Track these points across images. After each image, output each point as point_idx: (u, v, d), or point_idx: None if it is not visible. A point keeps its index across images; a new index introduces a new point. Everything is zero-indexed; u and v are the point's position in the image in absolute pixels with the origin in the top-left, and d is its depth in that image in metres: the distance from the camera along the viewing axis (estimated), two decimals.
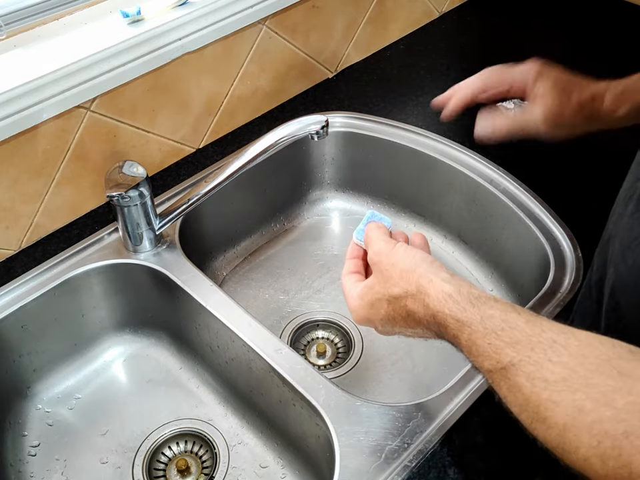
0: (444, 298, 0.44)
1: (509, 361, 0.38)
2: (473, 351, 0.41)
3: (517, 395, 0.38)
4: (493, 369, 0.40)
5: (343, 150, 1.00)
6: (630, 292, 0.46)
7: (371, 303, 0.50)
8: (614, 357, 0.35)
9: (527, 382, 0.37)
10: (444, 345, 0.46)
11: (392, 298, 0.48)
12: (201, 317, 0.75)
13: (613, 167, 0.91)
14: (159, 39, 0.80)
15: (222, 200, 0.90)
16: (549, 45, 1.13)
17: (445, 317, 0.43)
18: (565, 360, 0.36)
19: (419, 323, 0.46)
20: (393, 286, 0.47)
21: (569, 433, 0.34)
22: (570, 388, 0.35)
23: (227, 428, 0.79)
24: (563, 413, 0.35)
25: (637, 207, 0.47)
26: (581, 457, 0.34)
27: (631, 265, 0.46)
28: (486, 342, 0.40)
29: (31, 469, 0.74)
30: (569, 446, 0.35)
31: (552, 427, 0.36)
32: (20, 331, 0.75)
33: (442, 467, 0.60)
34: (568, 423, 0.35)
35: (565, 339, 0.37)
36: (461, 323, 0.42)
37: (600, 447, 0.33)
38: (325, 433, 0.63)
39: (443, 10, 1.23)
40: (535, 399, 0.36)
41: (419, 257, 0.48)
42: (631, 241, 0.46)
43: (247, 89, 0.96)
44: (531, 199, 0.85)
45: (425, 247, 0.54)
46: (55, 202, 0.81)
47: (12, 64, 0.73)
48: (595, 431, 0.33)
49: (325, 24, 1.02)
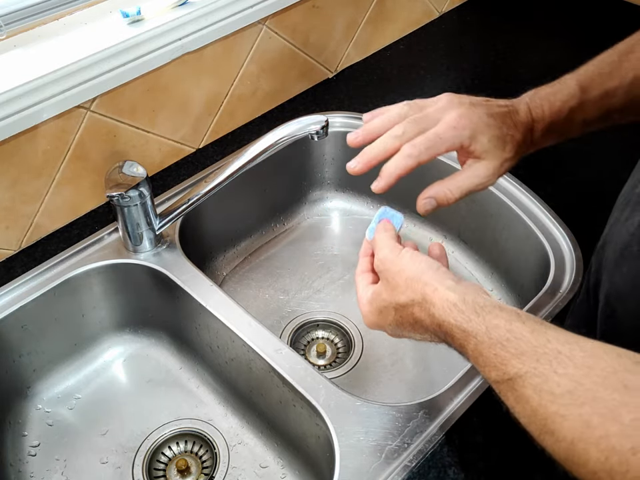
0: (449, 307, 0.44)
1: (516, 373, 0.38)
2: (480, 361, 0.41)
3: (524, 406, 0.38)
4: (499, 379, 0.40)
5: (342, 150, 1.00)
6: (626, 300, 0.46)
7: (379, 310, 0.50)
8: (620, 369, 0.35)
9: (534, 394, 0.37)
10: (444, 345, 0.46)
11: (399, 306, 0.48)
12: (201, 317, 0.75)
13: (613, 167, 0.91)
14: (159, 39, 0.80)
15: (222, 200, 0.90)
16: (548, 45, 1.13)
17: (451, 327, 0.43)
18: (571, 372, 0.36)
19: (426, 330, 0.47)
20: (400, 294, 0.47)
21: (577, 447, 0.35)
22: (576, 402, 0.35)
23: (227, 428, 0.79)
24: (570, 427, 0.35)
25: (631, 214, 0.47)
26: (590, 471, 0.34)
27: (625, 272, 0.46)
28: (492, 353, 0.40)
29: (31, 469, 0.74)
30: (578, 459, 0.35)
31: (560, 440, 0.36)
32: (20, 331, 0.75)
33: (442, 467, 0.60)
34: (576, 437, 0.35)
35: (569, 350, 0.37)
36: (467, 333, 0.42)
37: (607, 462, 0.33)
38: (325, 433, 0.63)
39: (442, 10, 1.23)
40: (542, 412, 0.37)
41: (424, 264, 0.48)
42: (624, 249, 0.46)
43: (247, 89, 0.96)
44: (530, 199, 0.85)
45: (443, 259, 0.53)
46: (55, 202, 0.81)
47: (12, 64, 0.73)
48: (603, 446, 0.33)
49: (325, 24, 1.02)
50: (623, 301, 0.47)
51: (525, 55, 1.12)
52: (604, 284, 0.49)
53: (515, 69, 1.10)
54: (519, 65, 1.10)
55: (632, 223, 0.46)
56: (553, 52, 1.10)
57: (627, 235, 0.46)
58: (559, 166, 0.92)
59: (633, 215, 0.46)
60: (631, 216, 0.46)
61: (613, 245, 0.48)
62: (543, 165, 0.91)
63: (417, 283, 0.46)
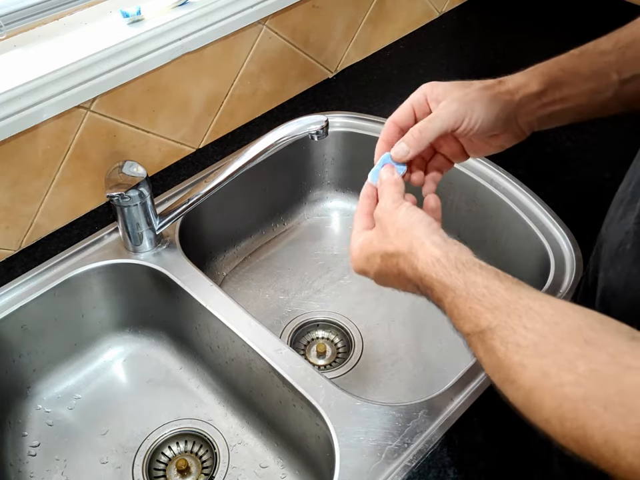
0: (432, 262, 0.45)
1: (487, 325, 0.40)
2: (455, 314, 0.43)
3: (491, 357, 0.40)
4: (471, 332, 0.42)
5: (342, 150, 1.00)
6: (620, 298, 0.46)
7: (367, 257, 0.51)
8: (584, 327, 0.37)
9: (501, 345, 0.39)
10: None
11: (385, 255, 0.49)
12: (200, 317, 0.75)
13: (613, 167, 0.91)
14: (159, 39, 0.80)
15: (222, 200, 0.90)
16: (548, 45, 1.13)
17: (432, 281, 0.45)
18: (538, 327, 0.38)
19: (409, 281, 0.48)
20: (389, 243, 0.49)
21: (534, 395, 0.37)
22: (539, 353, 0.37)
23: (227, 428, 0.79)
24: (529, 376, 0.37)
25: (625, 212, 0.47)
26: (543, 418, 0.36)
27: (620, 271, 0.46)
28: (467, 306, 0.42)
29: (31, 469, 0.74)
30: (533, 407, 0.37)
31: (519, 388, 0.38)
32: (20, 331, 0.75)
33: (442, 467, 0.60)
34: (534, 386, 0.37)
35: (540, 307, 0.39)
36: (446, 287, 0.44)
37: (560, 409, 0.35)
38: (325, 433, 0.63)
39: (442, 10, 1.23)
40: (506, 362, 0.39)
41: (416, 217, 0.49)
42: (618, 247, 0.46)
43: (247, 89, 0.96)
44: (530, 199, 0.85)
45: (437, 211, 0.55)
46: (55, 202, 0.81)
47: (12, 64, 0.73)
48: (557, 394, 0.35)
49: (325, 24, 1.02)
50: (617, 298, 0.47)
51: (525, 54, 1.12)
52: (600, 282, 0.49)
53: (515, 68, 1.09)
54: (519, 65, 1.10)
55: (626, 221, 0.46)
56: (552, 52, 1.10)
57: (622, 234, 0.46)
58: (559, 166, 0.92)
59: (627, 213, 0.46)
60: (624, 215, 0.47)
61: (609, 244, 0.48)
62: (543, 165, 0.91)
63: (407, 235, 0.48)
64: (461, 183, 0.91)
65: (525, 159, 0.92)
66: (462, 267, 0.44)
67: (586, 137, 0.96)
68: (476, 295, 0.42)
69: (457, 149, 0.58)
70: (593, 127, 0.97)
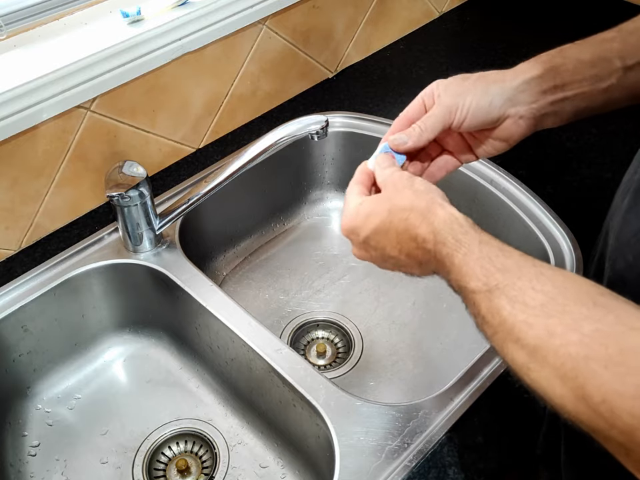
0: (451, 220, 0.46)
1: (495, 285, 0.40)
2: (463, 270, 0.43)
3: (494, 315, 0.40)
4: (477, 290, 0.42)
5: (342, 150, 1.00)
6: (631, 288, 0.46)
7: (366, 214, 0.50)
8: (594, 292, 0.37)
9: (508, 305, 0.39)
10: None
11: (395, 208, 0.48)
12: (201, 317, 0.75)
13: (614, 167, 0.91)
14: (159, 39, 0.80)
15: (222, 200, 0.90)
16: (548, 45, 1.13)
17: (446, 236, 0.45)
18: (548, 289, 0.38)
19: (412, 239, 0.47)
20: (403, 198, 0.48)
21: (537, 354, 0.37)
22: (546, 314, 0.37)
23: (227, 428, 0.79)
24: (535, 335, 0.37)
25: (635, 201, 0.47)
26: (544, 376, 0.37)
27: (631, 261, 0.46)
28: (478, 264, 0.42)
29: (31, 469, 0.74)
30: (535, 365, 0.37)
31: (523, 347, 0.38)
32: (20, 331, 0.75)
33: (442, 467, 0.60)
34: (538, 344, 0.37)
35: (552, 274, 0.40)
36: (460, 243, 0.44)
37: (562, 368, 0.35)
38: (325, 433, 0.63)
39: (443, 10, 1.23)
40: (511, 321, 0.39)
41: (434, 187, 0.50)
42: (630, 237, 0.46)
43: (247, 89, 0.96)
44: (530, 199, 0.85)
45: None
46: (55, 202, 0.81)
47: (12, 64, 0.73)
48: (560, 353, 0.36)
49: (325, 24, 1.02)
50: (627, 289, 0.47)
51: (525, 54, 1.11)
52: (606, 272, 0.49)
53: None
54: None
55: (636, 210, 0.46)
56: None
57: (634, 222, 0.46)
58: (559, 166, 0.92)
59: (638, 202, 0.46)
60: (635, 203, 0.46)
61: (616, 234, 0.48)
62: (542, 165, 0.91)
63: (426, 195, 0.48)
64: (461, 183, 0.91)
65: (525, 159, 0.92)
66: (479, 229, 0.46)
67: (586, 138, 0.96)
68: (489, 254, 0.43)
69: (462, 146, 0.58)
70: (594, 128, 0.97)
